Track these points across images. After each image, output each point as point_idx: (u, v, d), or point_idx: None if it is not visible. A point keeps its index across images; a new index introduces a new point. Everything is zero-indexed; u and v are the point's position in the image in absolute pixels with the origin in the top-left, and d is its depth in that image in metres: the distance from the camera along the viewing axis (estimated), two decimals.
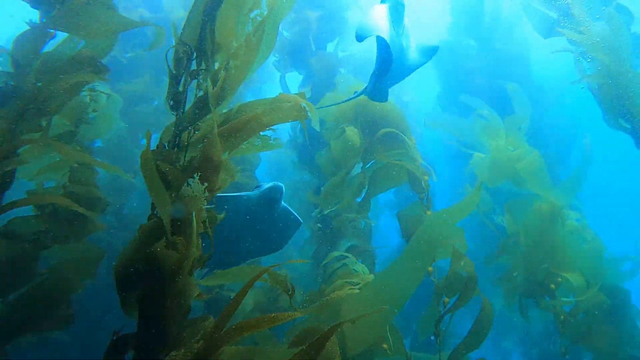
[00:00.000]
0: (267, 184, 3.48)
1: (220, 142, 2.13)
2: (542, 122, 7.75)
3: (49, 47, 3.07)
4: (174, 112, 2.29)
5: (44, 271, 3.16)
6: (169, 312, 1.84)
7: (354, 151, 4.45)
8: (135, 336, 1.84)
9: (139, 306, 1.86)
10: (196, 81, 2.37)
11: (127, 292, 1.92)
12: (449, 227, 3.15)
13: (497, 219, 5.26)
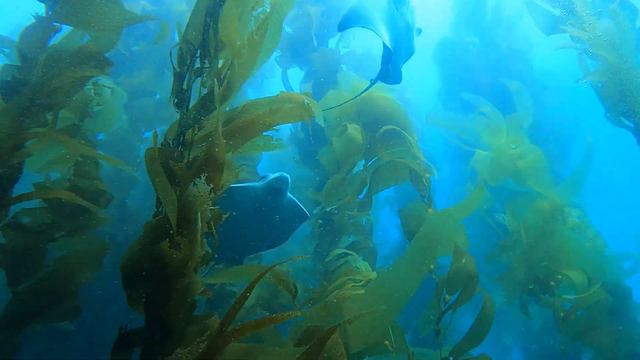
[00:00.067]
0: (272, 175, 3.46)
1: (224, 141, 2.13)
2: (542, 119, 7.71)
3: (55, 40, 3.06)
4: (178, 109, 2.29)
5: (51, 263, 3.18)
6: (175, 310, 1.85)
7: (356, 149, 4.45)
8: (141, 332, 1.86)
9: (145, 303, 1.88)
10: (200, 79, 2.37)
11: (133, 288, 1.94)
12: (452, 225, 3.16)
13: (498, 216, 5.26)
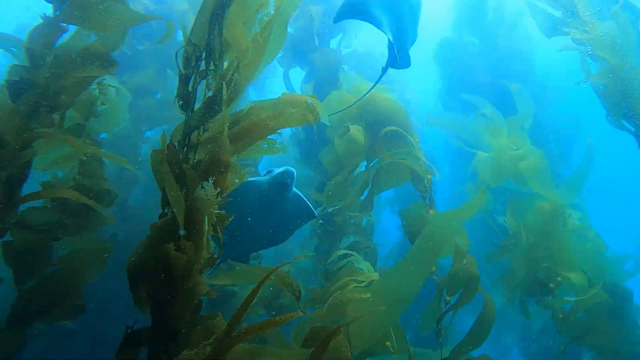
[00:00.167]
0: (278, 169, 3.46)
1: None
2: (543, 119, 7.70)
3: (62, 40, 3.07)
4: (184, 111, 2.31)
5: (56, 262, 3.20)
6: (181, 310, 1.87)
7: (359, 150, 4.47)
8: (147, 332, 1.88)
9: (151, 304, 1.90)
10: (205, 81, 2.38)
11: (140, 289, 1.96)
12: (454, 227, 3.18)
13: (499, 217, 5.28)
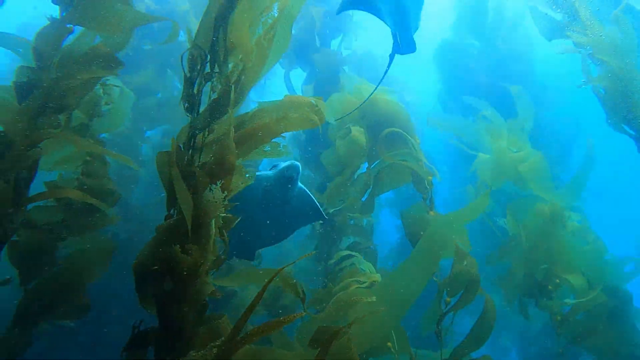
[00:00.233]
0: (283, 163, 3.46)
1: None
2: (542, 121, 7.71)
3: (68, 41, 3.09)
4: (189, 114, 2.32)
5: (61, 261, 3.22)
6: (186, 311, 1.89)
7: (360, 151, 4.48)
8: (154, 332, 1.90)
9: (158, 305, 1.92)
10: (210, 83, 2.40)
11: (146, 289, 1.97)
12: (456, 230, 3.21)
13: (498, 219, 5.30)
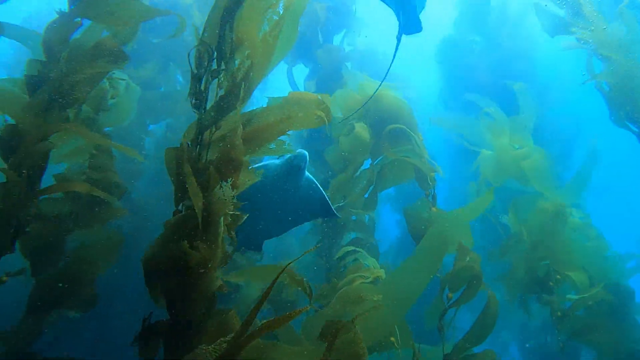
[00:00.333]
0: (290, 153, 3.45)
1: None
2: (544, 120, 7.70)
3: (76, 34, 3.09)
4: (197, 110, 2.34)
5: (69, 253, 3.25)
6: (195, 306, 1.92)
7: (364, 147, 4.50)
8: (163, 326, 1.93)
9: (167, 299, 1.95)
10: (217, 80, 2.41)
11: (155, 284, 2.00)
12: (460, 226, 3.24)
13: (500, 216, 5.31)
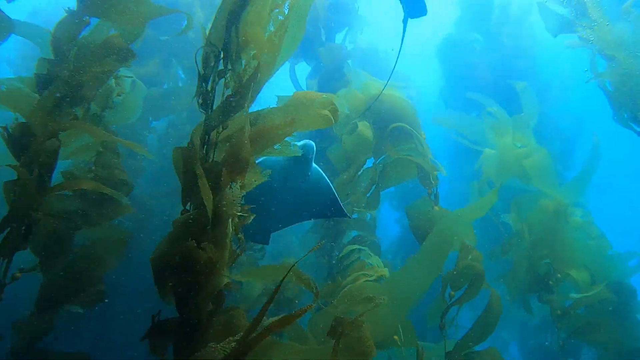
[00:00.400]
0: (297, 143, 3.43)
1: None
2: (546, 119, 7.70)
3: (84, 32, 3.11)
4: (204, 110, 2.36)
5: (77, 250, 3.28)
6: (204, 304, 1.95)
7: (367, 146, 4.51)
8: (172, 323, 1.96)
9: (176, 297, 1.98)
10: (223, 80, 2.43)
11: (164, 282, 2.03)
12: (464, 226, 3.26)
13: (502, 215, 5.33)
